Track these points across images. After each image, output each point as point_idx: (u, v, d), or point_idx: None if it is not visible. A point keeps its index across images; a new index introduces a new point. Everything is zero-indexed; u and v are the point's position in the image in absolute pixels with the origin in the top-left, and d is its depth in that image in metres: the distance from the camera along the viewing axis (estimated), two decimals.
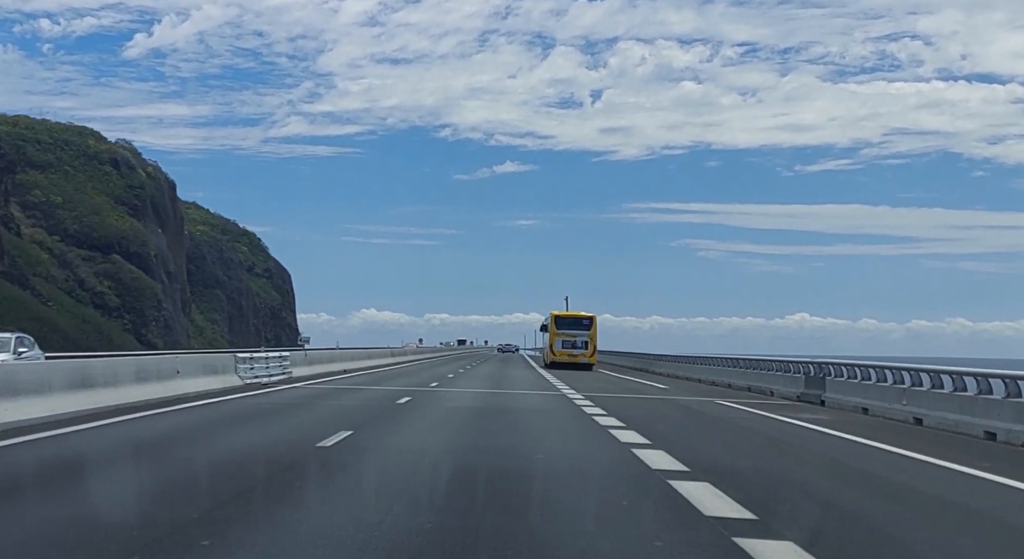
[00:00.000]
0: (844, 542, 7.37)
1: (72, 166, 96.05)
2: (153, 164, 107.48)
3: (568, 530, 7.49)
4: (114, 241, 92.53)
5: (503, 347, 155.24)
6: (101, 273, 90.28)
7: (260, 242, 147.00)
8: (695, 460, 11.67)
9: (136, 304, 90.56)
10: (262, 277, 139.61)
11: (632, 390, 31.54)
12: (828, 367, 24.83)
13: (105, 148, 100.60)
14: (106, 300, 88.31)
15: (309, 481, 9.98)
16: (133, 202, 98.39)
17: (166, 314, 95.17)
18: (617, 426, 16.27)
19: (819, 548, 6.87)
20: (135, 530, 7.04)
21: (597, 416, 18.63)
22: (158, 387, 19.42)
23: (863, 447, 14.70)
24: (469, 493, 9.34)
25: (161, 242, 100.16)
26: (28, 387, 14.74)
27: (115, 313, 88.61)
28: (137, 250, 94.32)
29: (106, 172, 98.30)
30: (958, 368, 18.86)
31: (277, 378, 28.34)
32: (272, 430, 15.10)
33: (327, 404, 20.82)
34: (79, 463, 10.90)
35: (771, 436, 16.39)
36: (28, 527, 7.21)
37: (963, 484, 11.19)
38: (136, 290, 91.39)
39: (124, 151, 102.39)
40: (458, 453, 12.53)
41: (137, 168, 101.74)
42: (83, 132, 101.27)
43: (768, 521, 7.87)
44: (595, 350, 56.90)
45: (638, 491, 9.67)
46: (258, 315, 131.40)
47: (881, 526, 8.10)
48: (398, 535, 7.07)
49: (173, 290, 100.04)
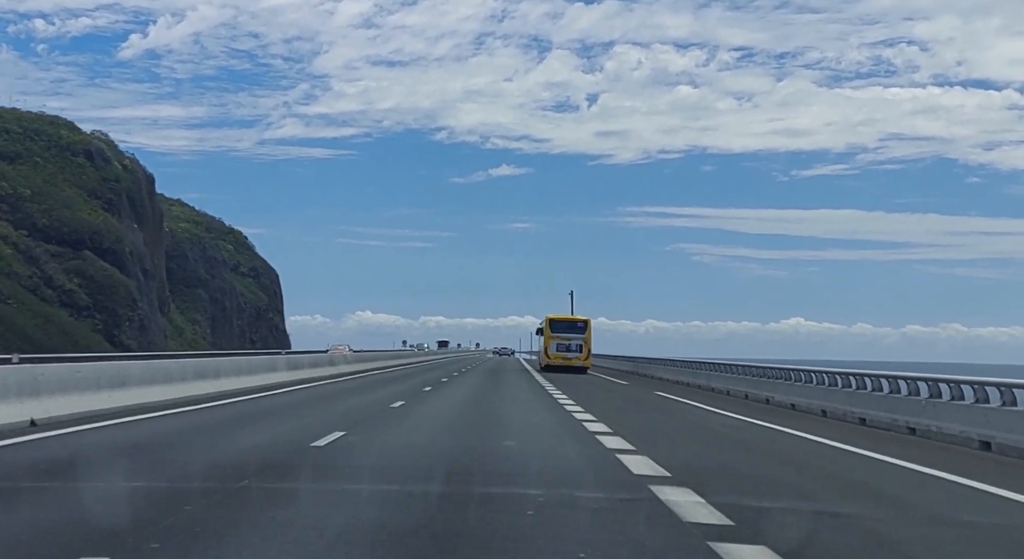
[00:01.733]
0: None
1: (42, 157, 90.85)
2: (130, 157, 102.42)
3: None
4: (86, 236, 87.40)
5: (500, 350, 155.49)
6: (71, 270, 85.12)
7: (246, 241, 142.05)
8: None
9: (108, 303, 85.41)
10: (248, 277, 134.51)
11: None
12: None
13: (79, 139, 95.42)
14: (75, 299, 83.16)
15: None
16: (107, 196, 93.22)
17: (141, 314, 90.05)
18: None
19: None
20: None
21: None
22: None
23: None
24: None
25: (137, 238, 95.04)
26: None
27: (85, 312, 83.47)
28: (111, 246, 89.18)
29: (79, 164, 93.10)
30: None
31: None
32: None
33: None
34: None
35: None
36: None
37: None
38: (108, 288, 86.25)
39: (99, 142, 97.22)
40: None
41: (113, 160, 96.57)
42: (55, 122, 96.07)
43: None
44: (589, 353, 56.36)
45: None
46: (243, 316, 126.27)
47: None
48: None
49: (149, 289, 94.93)
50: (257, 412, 19.56)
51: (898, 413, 19.39)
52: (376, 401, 24.10)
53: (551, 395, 29.04)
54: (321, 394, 26.80)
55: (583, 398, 27.37)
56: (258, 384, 27.40)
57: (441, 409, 22.11)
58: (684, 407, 26.01)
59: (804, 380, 25.65)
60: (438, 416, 19.97)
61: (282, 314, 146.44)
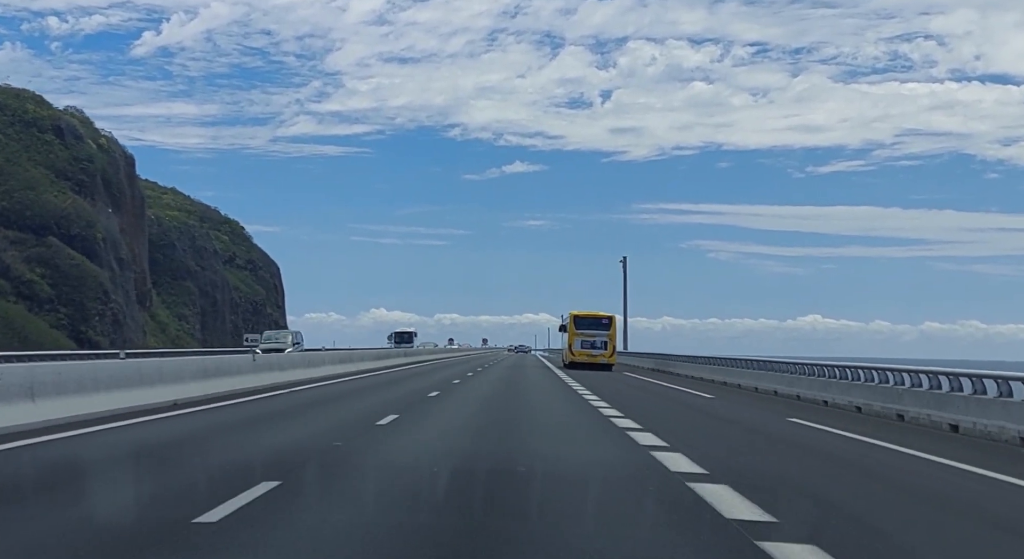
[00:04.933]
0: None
1: (5, 133, 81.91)
2: (108, 135, 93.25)
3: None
4: (51, 221, 78.55)
5: (518, 348, 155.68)
6: (33, 258, 76.23)
7: (243, 231, 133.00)
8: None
9: (75, 296, 76.44)
10: (244, 269, 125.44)
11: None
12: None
13: (47, 114, 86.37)
14: (36, 290, 74.22)
15: None
16: (79, 177, 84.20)
17: (114, 307, 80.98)
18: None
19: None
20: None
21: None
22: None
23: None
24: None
25: (112, 224, 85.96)
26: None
27: (47, 306, 74.56)
28: (80, 232, 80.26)
29: (46, 141, 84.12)
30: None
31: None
32: None
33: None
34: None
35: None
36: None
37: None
38: (76, 279, 77.31)
39: (71, 118, 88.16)
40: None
41: (86, 139, 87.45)
42: (21, 95, 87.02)
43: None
44: (614, 350, 56.88)
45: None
46: (236, 310, 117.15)
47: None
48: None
49: (126, 280, 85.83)
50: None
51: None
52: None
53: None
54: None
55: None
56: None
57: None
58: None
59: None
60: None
61: (282, 309, 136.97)
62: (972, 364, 30.78)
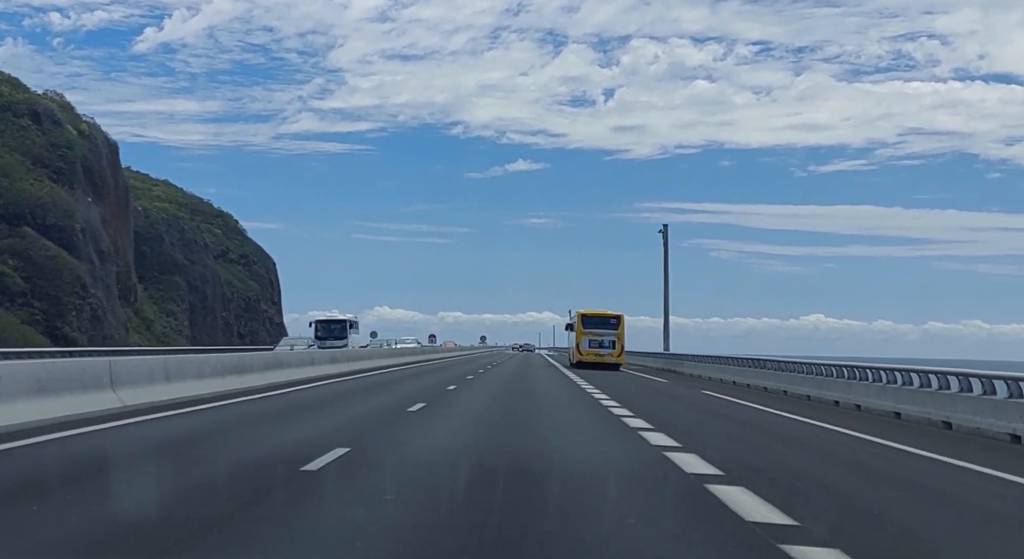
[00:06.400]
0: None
1: None
2: (90, 120, 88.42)
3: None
4: (26, 210, 73.73)
5: (523, 346, 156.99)
6: (5, 249, 71.37)
7: (237, 224, 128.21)
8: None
9: (50, 289, 71.59)
10: (237, 264, 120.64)
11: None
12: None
13: (23, 97, 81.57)
14: (8, 283, 69.43)
15: None
16: (56, 164, 79.31)
17: (93, 302, 76.13)
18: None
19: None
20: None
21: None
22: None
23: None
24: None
25: (93, 215, 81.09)
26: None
27: (20, 300, 69.75)
28: (57, 222, 75.40)
29: (22, 126, 79.26)
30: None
31: None
32: None
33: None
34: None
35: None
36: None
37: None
38: (51, 272, 72.47)
39: (50, 103, 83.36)
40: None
41: (65, 124, 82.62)
42: None
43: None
44: (623, 350, 56.30)
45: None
46: (229, 307, 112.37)
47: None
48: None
49: (107, 273, 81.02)
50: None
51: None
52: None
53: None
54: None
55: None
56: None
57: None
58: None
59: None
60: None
61: (278, 306, 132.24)
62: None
